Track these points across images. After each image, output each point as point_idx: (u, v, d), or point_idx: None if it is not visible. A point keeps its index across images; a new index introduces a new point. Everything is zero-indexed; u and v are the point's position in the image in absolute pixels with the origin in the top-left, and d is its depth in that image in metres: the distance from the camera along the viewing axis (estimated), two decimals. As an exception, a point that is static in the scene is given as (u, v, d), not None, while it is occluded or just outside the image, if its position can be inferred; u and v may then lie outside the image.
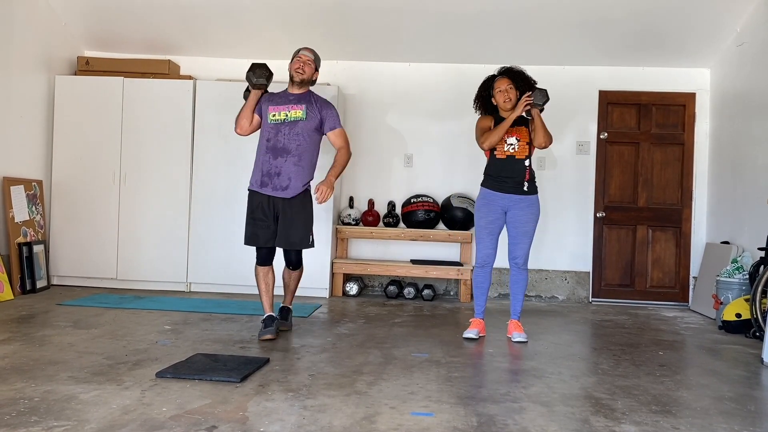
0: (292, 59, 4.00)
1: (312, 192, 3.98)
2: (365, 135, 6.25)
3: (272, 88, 4.26)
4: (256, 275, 4.04)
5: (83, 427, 2.26)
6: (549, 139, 4.09)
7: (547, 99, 4.04)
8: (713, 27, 5.47)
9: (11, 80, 5.29)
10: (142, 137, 5.71)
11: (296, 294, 5.48)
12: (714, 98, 5.99)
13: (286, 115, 3.93)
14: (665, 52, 5.86)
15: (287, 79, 4.07)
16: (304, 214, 3.98)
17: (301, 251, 4.09)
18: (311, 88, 4.08)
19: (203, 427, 2.30)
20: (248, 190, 4.01)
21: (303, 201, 3.98)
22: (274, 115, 3.94)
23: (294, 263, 4.09)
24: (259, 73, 3.94)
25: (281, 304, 4.23)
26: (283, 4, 5.43)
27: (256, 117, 4.04)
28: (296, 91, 4.00)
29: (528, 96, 4.04)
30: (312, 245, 4.06)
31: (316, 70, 4.03)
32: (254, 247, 4.03)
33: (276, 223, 3.94)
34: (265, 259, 4.01)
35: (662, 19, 5.36)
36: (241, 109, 4.03)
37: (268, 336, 3.82)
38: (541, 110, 4.12)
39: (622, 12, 5.29)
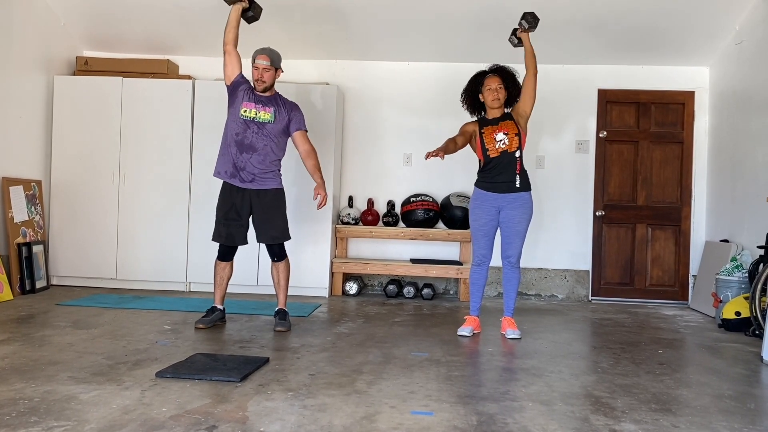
0: (252, 63, 4.10)
1: (314, 198, 4.10)
2: (364, 134, 6.25)
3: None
4: (216, 268, 4.22)
5: (83, 428, 2.26)
6: (535, 61, 4.26)
7: (538, 20, 4.24)
8: (712, 25, 5.47)
9: (10, 80, 5.28)
10: (141, 137, 5.70)
11: (296, 294, 5.53)
12: (713, 96, 5.99)
13: (256, 114, 4.06)
14: (664, 51, 5.86)
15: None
16: (280, 209, 4.15)
17: (283, 243, 4.19)
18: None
19: (203, 427, 2.30)
20: (221, 180, 4.14)
21: (276, 196, 4.14)
22: (245, 111, 4.06)
23: (278, 254, 4.18)
24: None
25: (277, 307, 4.25)
26: (283, 4, 5.42)
27: (236, 59, 4.14)
28: (263, 94, 4.13)
29: (520, 28, 4.29)
30: (289, 237, 4.22)
31: (278, 69, 4.14)
32: (220, 244, 4.19)
33: (248, 219, 4.12)
34: (226, 254, 4.20)
35: (661, 17, 5.36)
36: (226, 26, 4.13)
37: (201, 325, 4.07)
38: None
39: (621, 11, 5.29)
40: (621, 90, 6.15)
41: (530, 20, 4.24)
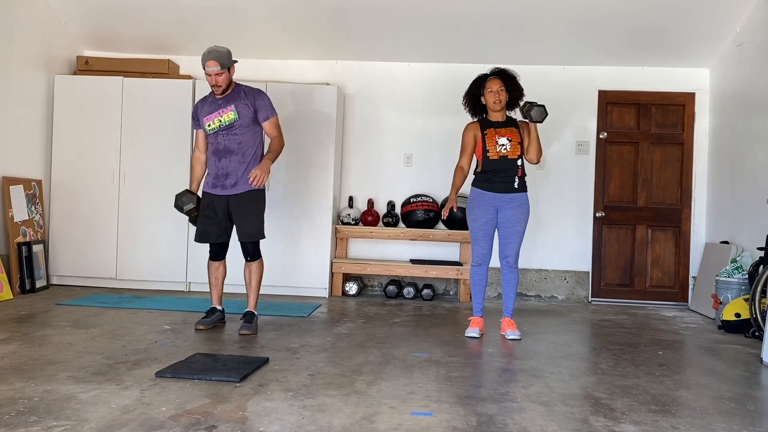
0: (203, 68, 4.00)
1: (248, 179, 3.97)
2: (365, 135, 6.25)
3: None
4: (209, 269, 4.23)
5: (82, 427, 2.26)
6: (540, 154, 4.23)
7: (546, 115, 4.10)
8: (713, 27, 5.48)
9: (11, 80, 5.28)
10: (141, 137, 5.70)
11: (295, 294, 5.53)
12: (713, 98, 5.99)
13: (220, 122, 4.05)
14: (665, 52, 5.86)
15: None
16: (256, 208, 4.12)
17: (257, 242, 4.16)
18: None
19: (203, 427, 2.30)
20: (202, 191, 4.20)
21: (254, 194, 4.11)
22: (209, 125, 4.08)
23: (251, 253, 4.15)
24: (186, 200, 4.14)
25: (246, 309, 4.19)
26: (283, 4, 5.43)
27: (202, 138, 4.21)
28: (222, 96, 4.08)
29: (526, 111, 4.11)
30: (263, 236, 4.18)
31: (230, 67, 4.01)
32: (210, 244, 4.18)
33: (228, 219, 4.11)
34: (217, 254, 4.19)
35: (662, 19, 5.36)
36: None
37: (201, 327, 4.06)
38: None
39: (622, 12, 5.29)
40: (621, 91, 6.15)
41: (537, 113, 4.04)
